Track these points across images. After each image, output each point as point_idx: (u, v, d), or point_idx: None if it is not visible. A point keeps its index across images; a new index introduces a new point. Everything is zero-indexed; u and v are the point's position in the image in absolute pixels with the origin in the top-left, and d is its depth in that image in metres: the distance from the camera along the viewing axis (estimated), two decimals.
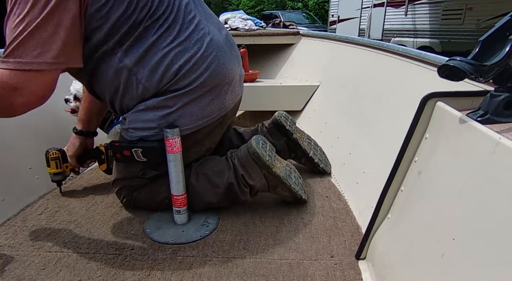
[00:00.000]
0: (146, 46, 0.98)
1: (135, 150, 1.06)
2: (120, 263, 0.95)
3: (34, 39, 0.82)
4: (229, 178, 1.14)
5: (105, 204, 1.27)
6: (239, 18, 2.73)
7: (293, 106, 2.15)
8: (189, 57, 1.02)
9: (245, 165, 1.14)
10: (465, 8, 5.24)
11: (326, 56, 2.18)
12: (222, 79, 1.10)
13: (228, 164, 1.16)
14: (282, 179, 1.14)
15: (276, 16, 10.08)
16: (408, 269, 0.73)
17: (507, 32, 0.61)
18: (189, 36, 1.03)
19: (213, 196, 1.16)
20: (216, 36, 1.10)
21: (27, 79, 0.84)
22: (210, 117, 1.11)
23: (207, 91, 1.07)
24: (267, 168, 1.12)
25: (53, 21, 0.83)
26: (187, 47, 1.02)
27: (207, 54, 1.05)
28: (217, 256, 0.98)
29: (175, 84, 1.03)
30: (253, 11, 17.39)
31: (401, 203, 0.85)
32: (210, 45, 1.06)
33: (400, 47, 1.39)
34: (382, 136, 1.23)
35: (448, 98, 0.76)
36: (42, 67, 0.84)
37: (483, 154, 0.59)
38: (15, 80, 0.83)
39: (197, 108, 1.07)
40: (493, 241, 0.52)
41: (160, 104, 1.04)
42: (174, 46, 1.00)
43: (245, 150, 1.14)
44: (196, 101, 1.06)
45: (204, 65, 1.05)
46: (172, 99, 1.04)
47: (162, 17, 0.98)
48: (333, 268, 0.93)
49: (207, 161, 1.21)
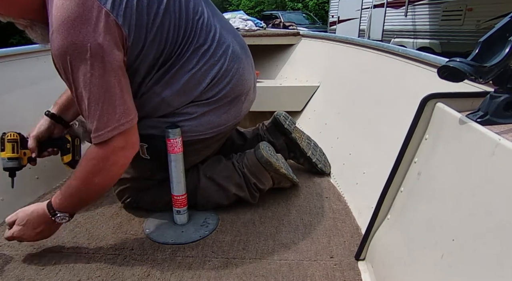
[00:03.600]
0: (174, 71, 1.00)
1: (141, 144, 1.06)
2: (120, 263, 0.95)
3: (111, 106, 0.86)
4: (240, 188, 1.19)
5: (105, 204, 1.27)
6: (239, 18, 2.73)
7: (293, 106, 2.15)
8: (215, 73, 1.04)
9: (255, 173, 1.19)
10: (465, 9, 5.25)
11: (326, 56, 2.18)
12: (241, 89, 1.12)
13: (237, 172, 1.20)
14: (287, 176, 1.24)
15: (276, 16, 10.08)
16: (408, 270, 0.73)
17: (507, 33, 0.61)
18: (214, 53, 1.04)
19: (224, 199, 1.20)
20: (235, 46, 1.11)
21: (126, 137, 0.91)
22: (226, 125, 1.13)
23: (227, 102, 1.10)
24: (275, 171, 1.20)
25: (115, 83, 0.86)
26: (212, 64, 1.04)
27: (230, 68, 1.07)
28: (216, 256, 0.98)
29: (200, 97, 1.05)
30: (253, 12, 17.39)
31: (400, 204, 0.85)
32: (232, 58, 1.08)
33: (400, 48, 1.39)
34: (382, 137, 1.23)
35: (448, 99, 0.76)
36: (126, 127, 0.89)
37: (482, 155, 0.59)
38: (119, 143, 0.89)
39: (214, 117, 1.09)
40: (492, 242, 0.52)
41: (180, 111, 1.06)
42: (200, 66, 1.02)
43: (254, 158, 1.19)
44: (215, 110, 1.08)
45: (227, 78, 1.07)
46: (193, 107, 1.06)
47: (187, 42, 1.00)
48: (332, 268, 0.93)
49: (213, 164, 1.22)
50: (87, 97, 0.85)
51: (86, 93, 0.84)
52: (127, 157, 0.93)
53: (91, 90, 0.84)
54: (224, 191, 1.19)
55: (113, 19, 0.84)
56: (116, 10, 0.85)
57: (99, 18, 0.83)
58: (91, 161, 0.90)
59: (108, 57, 0.84)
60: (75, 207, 0.97)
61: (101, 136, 0.87)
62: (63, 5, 0.81)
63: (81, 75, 0.83)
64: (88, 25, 0.82)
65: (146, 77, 0.99)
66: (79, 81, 0.84)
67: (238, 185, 1.19)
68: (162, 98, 1.02)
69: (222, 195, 1.19)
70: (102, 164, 0.89)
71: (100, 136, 0.87)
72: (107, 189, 0.97)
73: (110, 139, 0.87)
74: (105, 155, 0.89)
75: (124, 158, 0.93)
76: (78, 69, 0.83)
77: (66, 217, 0.94)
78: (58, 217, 0.93)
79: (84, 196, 0.95)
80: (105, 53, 0.83)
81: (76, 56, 0.82)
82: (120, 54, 0.87)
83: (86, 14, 0.81)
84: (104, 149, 0.89)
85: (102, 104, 0.85)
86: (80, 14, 0.81)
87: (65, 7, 0.81)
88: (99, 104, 0.85)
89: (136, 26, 0.89)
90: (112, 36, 0.84)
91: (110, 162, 0.90)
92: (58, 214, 0.93)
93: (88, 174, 0.90)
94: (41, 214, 0.94)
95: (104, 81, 0.85)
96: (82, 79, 0.83)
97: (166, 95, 1.01)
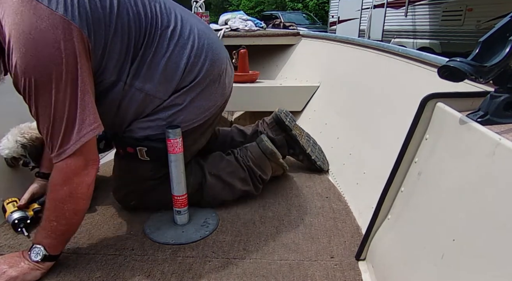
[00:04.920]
0: (148, 60, 0.98)
1: (139, 148, 1.06)
2: (120, 264, 0.95)
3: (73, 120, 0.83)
4: (245, 182, 1.23)
5: (105, 204, 1.27)
6: (239, 19, 2.73)
7: (293, 106, 2.14)
8: (188, 52, 1.04)
9: (260, 165, 1.25)
10: (465, 9, 5.24)
11: (326, 56, 2.18)
12: (219, 65, 1.12)
13: (241, 167, 1.23)
14: (283, 165, 1.34)
15: (276, 16, 10.07)
16: (408, 270, 0.73)
17: (507, 33, 0.61)
18: (181, 33, 1.04)
19: (230, 195, 1.23)
20: (199, 25, 1.12)
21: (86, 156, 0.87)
22: (215, 106, 1.14)
23: (210, 82, 1.09)
24: (277, 160, 1.29)
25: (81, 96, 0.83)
26: (184, 43, 1.03)
27: (201, 45, 1.07)
28: (217, 256, 0.98)
29: (183, 82, 1.04)
30: (253, 12, 17.38)
31: (401, 204, 0.85)
32: (200, 35, 1.08)
33: (400, 48, 1.39)
34: (382, 137, 1.23)
35: (448, 99, 0.76)
36: (91, 136, 0.85)
37: (483, 155, 0.59)
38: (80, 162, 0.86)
39: (203, 101, 1.09)
40: (493, 242, 0.52)
41: (169, 104, 1.05)
42: (173, 48, 1.01)
43: (258, 151, 1.25)
44: (202, 94, 1.08)
45: (202, 56, 1.07)
46: (180, 97, 1.05)
47: (152, 28, 0.99)
48: (333, 268, 0.93)
49: (216, 161, 1.24)
50: (52, 115, 0.81)
51: (51, 111, 0.81)
52: (91, 175, 0.89)
53: (56, 108, 0.80)
54: (230, 188, 1.22)
55: (71, 24, 0.80)
56: (69, 12, 0.80)
57: (56, 26, 0.78)
58: (55, 188, 0.86)
59: (71, 70, 0.81)
60: (52, 239, 0.89)
61: (66, 151, 0.83)
62: (14, 21, 0.77)
63: (46, 93, 0.79)
64: (46, 37, 0.77)
65: (121, 73, 0.96)
66: (44, 99, 0.80)
67: (243, 179, 1.23)
68: (146, 93, 1.00)
69: (228, 191, 1.22)
70: (68, 189, 0.86)
71: (66, 151, 0.83)
72: (82, 214, 0.92)
73: (70, 159, 0.84)
74: (68, 178, 0.85)
75: (89, 177, 0.88)
76: (43, 88, 0.79)
77: (41, 252, 0.87)
78: (33, 250, 0.87)
79: (61, 227, 0.88)
80: (68, 65, 0.80)
81: (39, 75, 0.78)
82: (82, 60, 0.83)
83: (40, 24, 0.77)
84: (66, 173, 0.85)
85: (66, 120, 0.82)
86: (35, 26, 0.76)
87: (16, 22, 0.76)
88: (63, 120, 0.82)
89: (94, 24, 0.85)
90: (71, 42, 0.80)
91: (75, 184, 0.86)
92: (34, 246, 0.87)
93: (57, 202, 0.87)
94: (15, 253, 0.90)
95: (69, 96, 0.81)
96: (47, 97, 0.80)
97: (149, 88, 1.00)
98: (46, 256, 0.88)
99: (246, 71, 2.26)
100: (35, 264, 0.87)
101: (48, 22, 0.78)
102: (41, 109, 0.81)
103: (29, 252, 0.88)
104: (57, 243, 0.90)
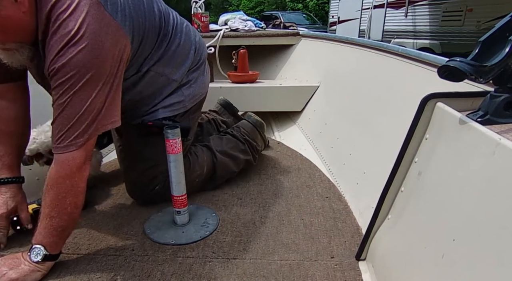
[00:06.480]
0: (164, 51, 1.10)
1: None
2: (120, 264, 0.95)
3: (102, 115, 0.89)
4: (246, 153, 1.43)
5: (105, 204, 1.27)
6: (239, 19, 2.73)
7: (293, 106, 2.15)
8: (193, 37, 1.21)
9: (254, 138, 1.49)
10: (465, 10, 5.24)
11: (326, 57, 2.18)
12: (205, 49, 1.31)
13: (240, 141, 1.43)
14: (264, 138, 1.60)
15: (276, 17, 10.07)
16: (408, 270, 0.73)
17: (507, 33, 0.61)
18: (181, 23, 1.18)
19: (236, 166, 1.40)
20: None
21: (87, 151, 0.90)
22: (208, 83, 1.33)
23: (203, 63, 1.27)
24: (263, 131, 1.57)
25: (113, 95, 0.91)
26: (187, 31, 1.18)
27: (194, 31, 1.25)
28: (217, 257, 0.98)
29: (193, 63, 1.20)
30: (253, 12, 17.38)
31: (401, 203, 0.85)
32: (189, 24, 1.24)
33: (400, 48, 1.39)
34: (382, 137, 1.23)
35: (448, 99, 0.76)
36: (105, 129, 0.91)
37: (483, 155, 0.59)
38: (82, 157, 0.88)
39: (203, 77, 1.26)
40: (493, 242, 0.52)
41: (184, 81, 1.19)
42: (180, 36, 1.14)
43: (249, 125, 1.50)
44: (203, 72, 1.26)
45: (201, 39, 1.26)
46: (192, 73, 1.21)
47: (163, 25, 1.09)
48: (333, 269, 0.93)
49: (217, 140, 1.41)
50: (84, 109, 0.84)
51: (83, 105, 0.84)
52: (87, 170, 0.91)
53: (91, 103, 0.85)
54: (235, 160, 1.39)
55: (124, 33, 0.89)
56: (125, 22, 0.89)
57: (116, 33, 0.86)
58: (59, 181, 0.87)
59: (119, 75, 0.90)
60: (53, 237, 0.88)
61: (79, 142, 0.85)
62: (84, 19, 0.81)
63: (89, 89, 0.84)
64: (110, 40, 0.84)
65: (142, 67, 1.06)
66: (85, 93, 0.83)
67: (244, 151, 1.43)
68: (166, 76, 1.12)
69: (235, 163, 1.39)
70: (70, 182, 0.87)
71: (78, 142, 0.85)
72: (80, 208, 0.91)
73: (77, 152, 0.86)
74: (72, 172, 0.87)
75: (87, 172, 0.91)
76: (90, 84, 0.83)
77: (41, 252, 0.86)
78: (32, 250, 0.87)
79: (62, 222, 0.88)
80: (118, 71, 0.89)
81: (94, 71, 0.83)
82: (123, 64, 0.91)
83: (107, 29, 0.84)
84: (71, 166, 0.86)
85: (93, 115, 0.86)
86: (104, 30, 0.83)
87: (88, 22, 0.81)
88: (90, 115, 0.85)
89: (134, 31, 0.94)
90: (122, 50, 0.89)
91: (77, 178, 0.88)
92: (33, 247, 0.87)
93: (59, 197, 0.87)
94: (15, 255, 0.90)
95: (105, 95, 0.87)
96: (89, 92, 0.84)
97: (169, 72, 1.12)
98: (46, 256, 0.88)
99: (246, 71, 2.26)
100: (35, 265, 0.87)
101: (112, 27, 0.86)
102: (74, 101, 0.83)
103: (28, 253, 0.87)
104: (57, 241, 0.90)
